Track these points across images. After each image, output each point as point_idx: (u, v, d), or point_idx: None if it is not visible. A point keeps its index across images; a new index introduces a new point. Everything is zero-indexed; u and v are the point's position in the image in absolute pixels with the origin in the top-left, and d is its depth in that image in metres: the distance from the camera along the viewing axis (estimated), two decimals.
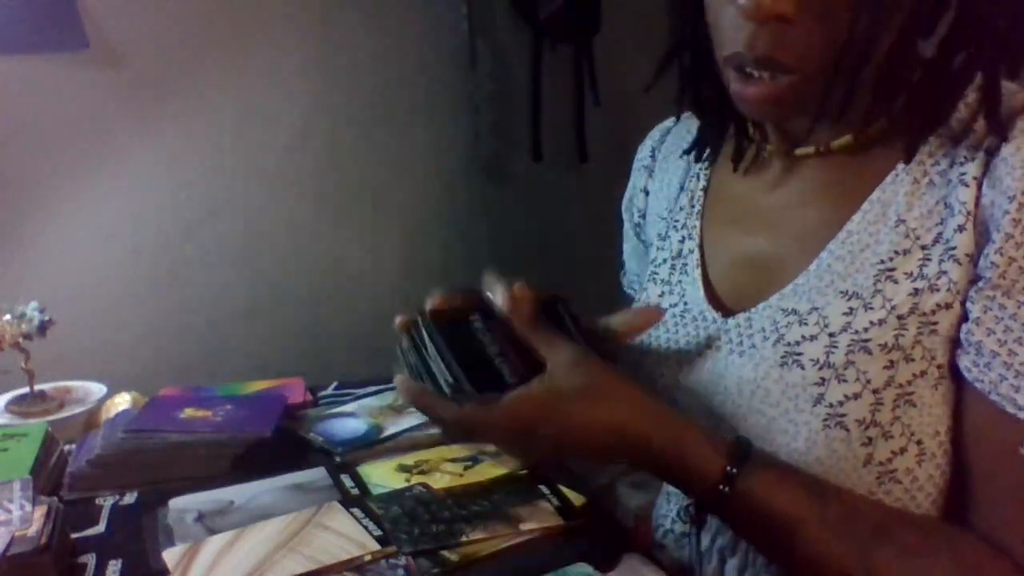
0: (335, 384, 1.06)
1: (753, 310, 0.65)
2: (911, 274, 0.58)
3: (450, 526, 0.68)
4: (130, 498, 0.79)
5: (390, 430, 0.88)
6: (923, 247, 0.58)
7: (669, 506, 0.70)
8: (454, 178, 1.88)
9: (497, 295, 0.63)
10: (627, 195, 0.87)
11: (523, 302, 0.62)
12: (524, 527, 0.68)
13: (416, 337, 0.63)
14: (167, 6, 1.55)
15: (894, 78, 0.58)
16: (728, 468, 0.55)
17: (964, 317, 0.56)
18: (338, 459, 0.85)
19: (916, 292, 0.57)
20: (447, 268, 1.92)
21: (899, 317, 0.57)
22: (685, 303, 0.71)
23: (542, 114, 1.94)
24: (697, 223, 0.74)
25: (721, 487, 0.55)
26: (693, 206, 0.75)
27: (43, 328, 1.05)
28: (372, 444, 0.87)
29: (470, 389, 0.60)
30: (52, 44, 1.44)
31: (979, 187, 0.56)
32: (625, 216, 0.87)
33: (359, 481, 0.80)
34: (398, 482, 0.78)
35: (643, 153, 0.84)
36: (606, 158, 2.00)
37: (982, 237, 0.56)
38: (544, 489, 0.74)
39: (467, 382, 0.60)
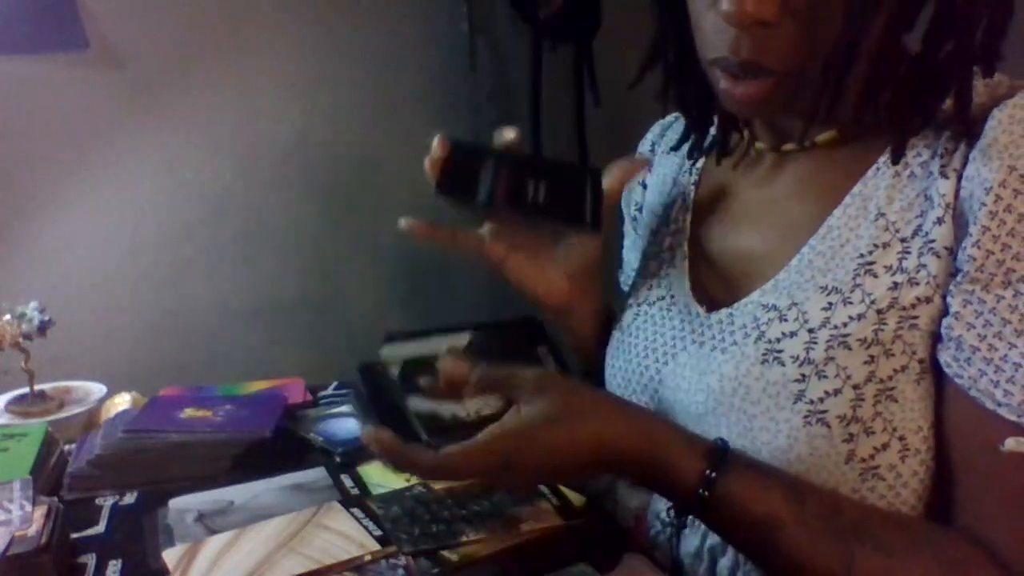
0: (335, 384, 1.06)
1: (735, 306, 0.65)
2: (890, 267, 0.57)
3: (450, 526, 0.68)
4: (130, 498, 0.79)
5: None
6: (902, 240, 0.58)
7: (660, 506, 0.70)
8: None
9: (509, 134, 0.66)
10: (626, 189, 0.86)
11: (461, 369, 0.60)
12: (524, 527, 0.68)
13: (377, 385, 0.63)
14: (167, 6, 1.55)
15: (881, 75, 0.58)
16: (707, 473, 0.54)
17: (944, 311, 0.56)
18: (338, 459, 0.85)
19: (895, 286, 0.57)
20: (447, 268, 1.92)
21: (878, 311, 0.57)
22: (672, 296, 0.72)
23: (542, 114, 1.94)
24: (687, 217, 0.74)
25: (701, 492, 0.54)
26: (684, 201, 0.76)
27: (43, 328, 1.05)
28: None
29: (428, 437, 0.59)
30: (52, 44, 1.44)
31: (959, 179, 0.56)
32: (624, 210, 0.87)
33: (359, 481, 0.80)
34: (398, 482, 0.78)
35: (643, 148, 0.85)
36: (606, 158, 2.00)
37: (961, 230, 0.55)
38: (544, 489, 0.74)
39: (424, 429, 0.60)
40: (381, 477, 0.80)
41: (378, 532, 0.69)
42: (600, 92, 1.97)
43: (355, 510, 0.73)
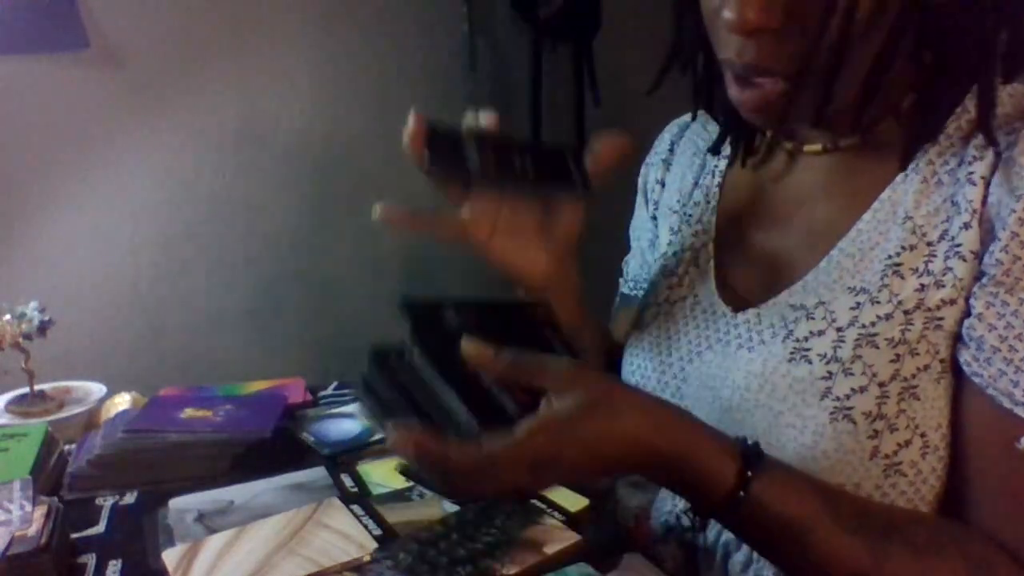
0: (335, 384, 1.06)
1: (763, 306, 0.66)
2: (917, 270, 0.59)
3: (476, 565, 0.64)
4: (130, 498, 0.79)
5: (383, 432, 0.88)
6: (929, 244, 0.59)
7: (674, 501, 0.70)
8: None
9: (484, 119, 0.63)
10: (641, 183, 0.86)
11: (487, 353, 0.54)
12: (548, 550, 0.67)
13: (393, 372, 0.54)
14: (167, 6, 1.55)
15: (885, 83, 0.58)
16: (746, 474, 0.53)
17: (967, 313, 0.57)
18: (324, 455, 0.85)
19: (922, 288, 0.58)
20: (447, 267, 1.92)
21: (905, 312, 0.58)
22: (696, 296, 0.72)
23: (542, 114, 1.95)
24: (712, 218, 0.75)
25: (740, 494, 0.53)
26: (708, 202, 0.76)
27: (43, 328, 1.05)
28: (364, 446, 0.87)
29: (477, 428, 0.52)
30: (52, 44, 1.44)
31: (986, 186, 0.57)
32: (640, 209, 0.87)
33: (359, 480, 0.80)
34: (398, 482, 0.78)
35: (661, 146, 0.85)
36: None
37: (987, 235, 0.56)
38: (540, 504, 0.73)
39: (472, 419, 0.52)
40: (381, 476, 0.80)
41: (378, 531, 0.69)
42: (600, 92, 1.97)
43: (355, 507, 0.73)
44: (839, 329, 0.60)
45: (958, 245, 0.57)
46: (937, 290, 0.57)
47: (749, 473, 0.53)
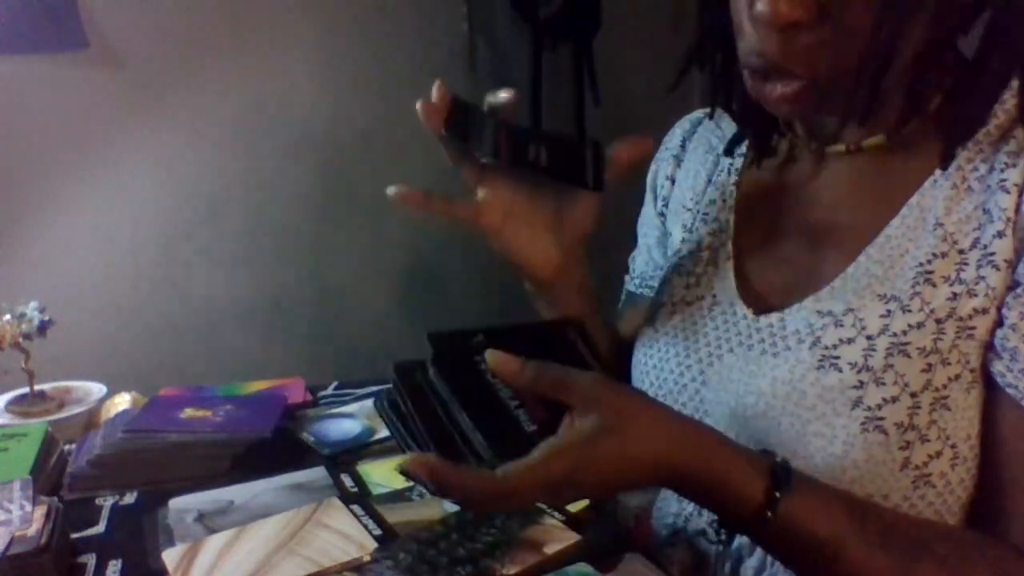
0: (335, 384, 1.06)
1: (787, 311, 0.64)
2: (949, 278, 0.58)
3: (476, 565, 0.64)
4: (130, 498, 0.79)
5: (383, 432, 0.88)
6: (961, 252, 0.58)
7: (681, 504, 0.69)
8: (454, 177, 1.88)
9: (501, 96, 0.63)
10: (650, 179, 0.85)
11: (512, 365, 0.54)
12: (548, 550, 0.67)
13: (412, 396, 0.55)
14: (167, 6, 1.55)
15: (923, 81, 0.58)
16: (774, 493, 0.52)
17: (999, 322, 0.56)
18: (324, 455, 0.85)
19: (954, 296, 0.57)
20: (447, 268, 1.92)
21: (937, 321, 0.57)
22: (714, 296, 0.70)
23: (542, 114, 1.95)
24: (730, 217, 0.73)
25: (768, 514, 0.52)
26: (725, 200, 0.74)
27: (43, 328, 1.05)
28: (364, 446, 0.87)
29: (490, 454, 0.51)
30: (52, 44, 1.45)
31: (1020, 194, 0.56)
32: (648, 206, 0.85)
33: (359, 480, 0.80)
34: (398, 482, 0.78)
35: (672, 142, 0.83)
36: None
37: (1021, 244, 0.55)
38: (542, 505, 0.72)
39: (487, 445, 0.52)
40: (381, 476, 0.80)
41: (378, 531, 0.69)
42: (600, 92, 1.97)
43: (355, 507, 0.73)
44: (869, 337, 0.59)
45: (991, 254, 0.56)
46: (969, 299, 0.56)
47: (778, 494, 0.52)
